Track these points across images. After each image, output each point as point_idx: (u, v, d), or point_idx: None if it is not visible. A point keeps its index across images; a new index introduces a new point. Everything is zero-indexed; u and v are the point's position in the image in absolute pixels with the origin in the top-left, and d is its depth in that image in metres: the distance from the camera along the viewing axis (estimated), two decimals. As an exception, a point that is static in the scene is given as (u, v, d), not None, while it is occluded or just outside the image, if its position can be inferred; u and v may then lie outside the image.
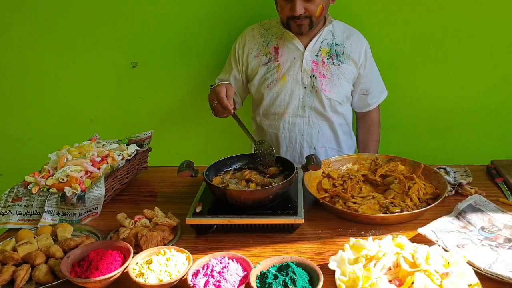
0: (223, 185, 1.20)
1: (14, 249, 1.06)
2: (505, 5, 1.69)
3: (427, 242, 1.01)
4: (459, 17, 1.72)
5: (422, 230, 1.06)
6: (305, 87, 1.57)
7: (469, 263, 0.93)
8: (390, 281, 0.87)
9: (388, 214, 1.15)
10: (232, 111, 1.33)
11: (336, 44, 1.57)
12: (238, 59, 1.65)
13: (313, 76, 1.56)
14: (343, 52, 1.57)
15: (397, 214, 1.15)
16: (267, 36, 1.61)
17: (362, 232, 1.13)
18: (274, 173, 1.29)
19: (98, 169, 1.36)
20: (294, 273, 0.90)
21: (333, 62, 1.56)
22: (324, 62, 1.55)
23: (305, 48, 1.56)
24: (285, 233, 1.13)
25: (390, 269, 0.90)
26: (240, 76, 1.68)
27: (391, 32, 1.78)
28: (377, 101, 1.71)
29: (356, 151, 1.81)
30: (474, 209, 1.17)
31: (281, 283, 0.88)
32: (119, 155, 1.44)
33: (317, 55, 1.56)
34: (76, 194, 1.25)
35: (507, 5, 1.69)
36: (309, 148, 1.66)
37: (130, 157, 1.48)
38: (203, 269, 0.94)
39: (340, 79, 1.57)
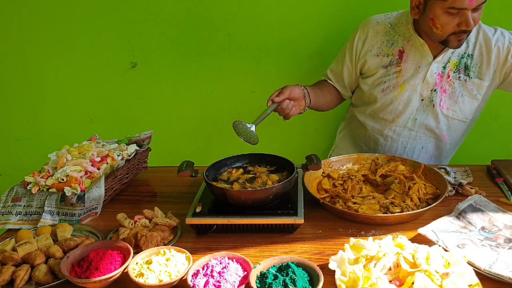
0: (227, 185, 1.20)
1: (14, 249, 1.06)
2: (505, 5, 1.69)
3: (427, 242, 1.01)
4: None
5: (422, 230, 1.06)
6: (422, 100, 1.46)
7: (469, 263, 0.92)
8: (390, 281, 0.86)
9: (388, 214, 1.15)
10: (268, 103, 1.34)
11: (469, 56, 1.41)
12: (355, 52, 1.52)
13: (434, 90, 1.44)
14: (474, 65, 1.41)
15: (397, 214, 1.15)
16: (393, 35, 1.46)
17: (362, 232, 1.13)
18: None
19: (98, 169, 1.35)
20: (294, 273, 0.90)
21: (459, 77, 1.42)
22: (449, 76, 1.42)
23: (434, 58, 1.42)
24: (285, 233, 1.13)
25: (390, 269, 0.89)
26: (353, 69, 1.56)
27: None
28: None
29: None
30: (475, 209, 1.16)
31: (281, 283, 0.88)
32: (119, 155, 1.44)
33: (444, 67, 1.42)
34: (76, 194, 1.25)
35: (507, 5, 1.69)
36: None
37: (130, 157, 1.47)
38: (203, 269, 0.94)
39: (463, 96, 1.44)
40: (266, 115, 1.32)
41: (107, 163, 1.38)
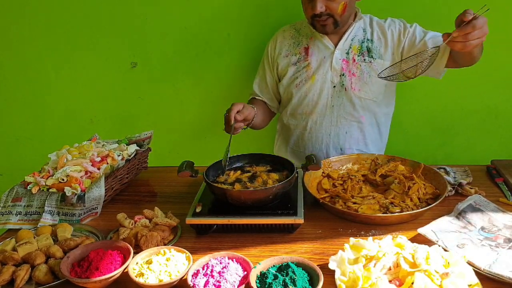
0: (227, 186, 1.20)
1: (14, 249, 1.07)
2: (505, 5, 1.69)
3: (427, 242, 1.01)
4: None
5: (422, 230, 1.06)
6: (334, 86, 1.55)
7: (469, 263, 0.93)
8: (390, 281, 0.87)
9: (388, 214, 1.15)
10: (232, 122, 1.32)
11: (368, 40, 1.54)
12: (270, 59, 1.66)
13: (343, 75, 1.53)
14: (375, 47, 1.54)
15: (397, 214, 1.15)
16: (298, 37, 1.61)
17: (362, 232, 1.13)
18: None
19: (98, 169, 1.36)
20: (294, 273, 0.90)
21: (364, 60, 1.53)
22: (354, 60, 1.53)
23: (336, 46, 1.54)
24: (285, 233, 1.13)
25: (390, 269, 0.90)
26: (273, 77, 1.67)
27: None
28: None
29: (385, 153, 1.74)
30: (474, 209, 1.17)
31: (281, 283, 0.88)
32: (119, 155, 1.44)
33: (347, 53, 1.53)
34: (76, 194, 1.25)
35: (508, 5, 1.69)
36: (335, 149, 1.63)
37: (130, 157, 1.48)
38: (203, 269, 0.94)
39: (371, 76, 1.53)
40: (229, 148, 1.29)
41: (107, 163, 1.39)
